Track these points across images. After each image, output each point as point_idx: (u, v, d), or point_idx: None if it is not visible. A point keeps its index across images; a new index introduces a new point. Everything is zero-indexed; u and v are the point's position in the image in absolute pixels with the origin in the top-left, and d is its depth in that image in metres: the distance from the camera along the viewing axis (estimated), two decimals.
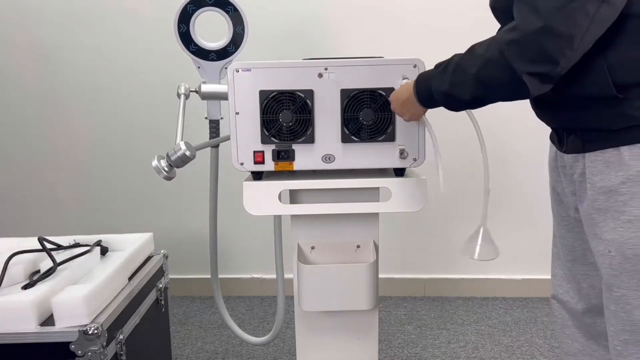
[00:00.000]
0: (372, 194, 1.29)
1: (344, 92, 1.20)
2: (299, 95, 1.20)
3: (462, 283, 2.59)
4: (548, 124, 1.09)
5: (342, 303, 1.28)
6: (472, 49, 0.96)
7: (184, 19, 1.51)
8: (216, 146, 1.60)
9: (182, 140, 1.34)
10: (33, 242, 1.49)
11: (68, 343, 1.19)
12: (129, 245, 1.59)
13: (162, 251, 1.74)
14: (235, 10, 1.51)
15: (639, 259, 0.94)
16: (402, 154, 1.23)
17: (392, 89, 1.19)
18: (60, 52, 2.50)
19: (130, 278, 1.50)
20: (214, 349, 2.15)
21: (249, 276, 2.66)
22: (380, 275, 1.33)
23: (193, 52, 1.54)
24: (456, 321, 2.35)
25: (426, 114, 1.18)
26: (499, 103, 1.00)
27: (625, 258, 0.95)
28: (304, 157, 1.23)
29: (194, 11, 1.51)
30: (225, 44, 1.53)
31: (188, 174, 1.86)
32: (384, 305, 2.50)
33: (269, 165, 1.24)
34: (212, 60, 1.54)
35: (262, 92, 1.21)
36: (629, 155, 0.92)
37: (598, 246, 0.99)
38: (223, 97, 1.50)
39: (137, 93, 2.51)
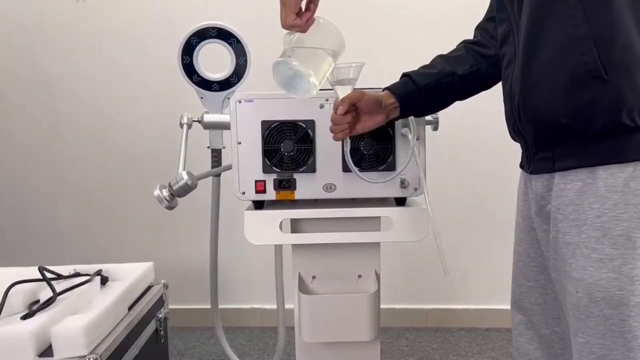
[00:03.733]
0: (374, 223, 1.29)
1: None
2: (301, 126, 1.22)
3: (464, 313, 2.56)
4: (519, 134, 0.99)
5: (344, 334, 1.26)
6: None
7: (188, 50, 1.54)
8: (218, 175, 1.60)
9: (184, 169, 1.35)
10: (33, 272, 1.49)
11: None
12: (129, 275, 1.59)
13: (162, 281, 1.73)
14: (239, 42, 1.54)
15: (608, 303, 0.85)
16: (403, 183, 1.23)
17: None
18: (65, 81, 2.54)
19: (130, 308, 1.49)
20: None
21: (249, 306, 2.63)
22: (381, 306, 1.31)
23: (196, 83, 1.56)
24: (459, 352, 2.31)
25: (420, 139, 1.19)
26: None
27: (593, 301, 0.86)
28: (305, 186, 1.24)
29: (197, 43, 1.53)
30: (228, 75, 1.55)
31: (189, 203, 1.86)
32: (386, 336, 2.47)
33: (271, 194, 1.24)
34: (215, 90, 1.56)
35: (264, 122, 1.22)
36: (605, 187, 0.85)
37: (567, 284, 0.91)
38: (225, 126, 1.52)
39: (139, 122, 2.54)
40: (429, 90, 1.12)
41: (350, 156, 1.12)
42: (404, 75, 1.15)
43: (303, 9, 0.98)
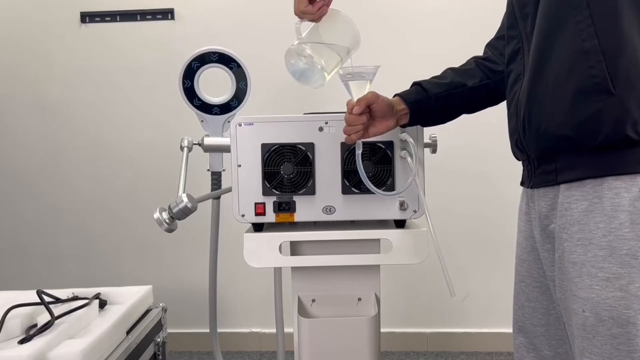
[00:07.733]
0: (373, 245, 1.28)
1: (344, 145, 1.22)
2: (300, 148, 1.23)
3: (466, 337, 2.54)
4: (522, 149, 0.99)
5: (344, 358, 1.25)
6: None
7: (189, 74, 1.55)
8: (217, 198, 1.61)
9: (184, 192, 1.35)
10: (32, 295, 1.48)
11: None
12: (128, 298, 1.58)
13: (160, 304, 1.72)
14: (239, 66, 1.56)
15: (615, 322, 0.85)
16: (402, 205, 1.24)
17: (391, 142, 1.21)
18: (64, 107, 2.56)
19: (128, 332, 1.48)
20: None
21: (248, 330, 2.61)
22: (382, 329, 1.30)
23: (197, 107, 1.57)
24: None
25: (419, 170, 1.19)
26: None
27: (600, 320, 0.86)
28: (305, 208, 1.24)
29: (198, 67, 1.55)
30: (229, 99, 1.57)
31: (188, 225, 1.86)
32: None
33: (270, 216, 1.25)
34: (216, 114, 1.58)
35: (264, 145, 1.23)
36: (611, 206, 0.86)
37: (573, 304, 0.90)
38: (225, 149, 1.53)
39: (139, 144, 2.55)
40: (438, 100, 1.14)
41: (361, 160, 1.12)
42: (415, 83, 1.17)
43: None
